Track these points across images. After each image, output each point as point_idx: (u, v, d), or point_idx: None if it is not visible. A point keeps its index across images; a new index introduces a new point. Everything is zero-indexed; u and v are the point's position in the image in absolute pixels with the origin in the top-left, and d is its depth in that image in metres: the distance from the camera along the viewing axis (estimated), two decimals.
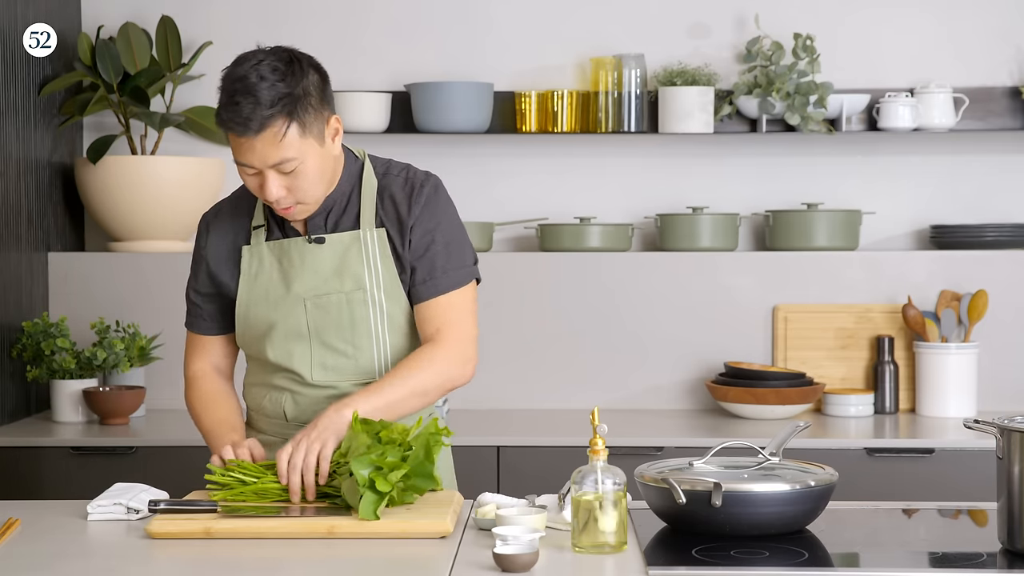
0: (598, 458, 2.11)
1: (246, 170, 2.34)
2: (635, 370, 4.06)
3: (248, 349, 2.54)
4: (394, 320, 2.46)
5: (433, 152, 4.18)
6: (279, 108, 2.27)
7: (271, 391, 2.51)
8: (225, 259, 2.51)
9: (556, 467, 3.29)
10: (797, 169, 4.19)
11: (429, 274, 2.44)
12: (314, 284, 2.44)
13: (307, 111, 2.31)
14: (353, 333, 2.44)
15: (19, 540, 2.20)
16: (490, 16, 4.20)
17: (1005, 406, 3.89)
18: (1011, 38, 4.14)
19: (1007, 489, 2.08)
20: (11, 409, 3.81)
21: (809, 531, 2.22)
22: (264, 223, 2.49)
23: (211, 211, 2.57)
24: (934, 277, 4.01)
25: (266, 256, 2.48)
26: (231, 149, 2.35)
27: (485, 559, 2.06)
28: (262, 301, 2.47)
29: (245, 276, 2.48)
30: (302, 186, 2.35)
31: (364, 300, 2.43)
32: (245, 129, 2.27)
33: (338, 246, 2.44)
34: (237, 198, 2.55)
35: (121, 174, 3.98)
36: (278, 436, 2.51)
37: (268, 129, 2.28)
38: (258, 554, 2.11)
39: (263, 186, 2.34)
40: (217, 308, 2.55)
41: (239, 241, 2.51)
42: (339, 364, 2.46)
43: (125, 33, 4.04)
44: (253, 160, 2.31)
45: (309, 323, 2.45)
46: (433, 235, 2.45)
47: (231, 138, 2.32)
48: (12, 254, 3.80)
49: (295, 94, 2.29)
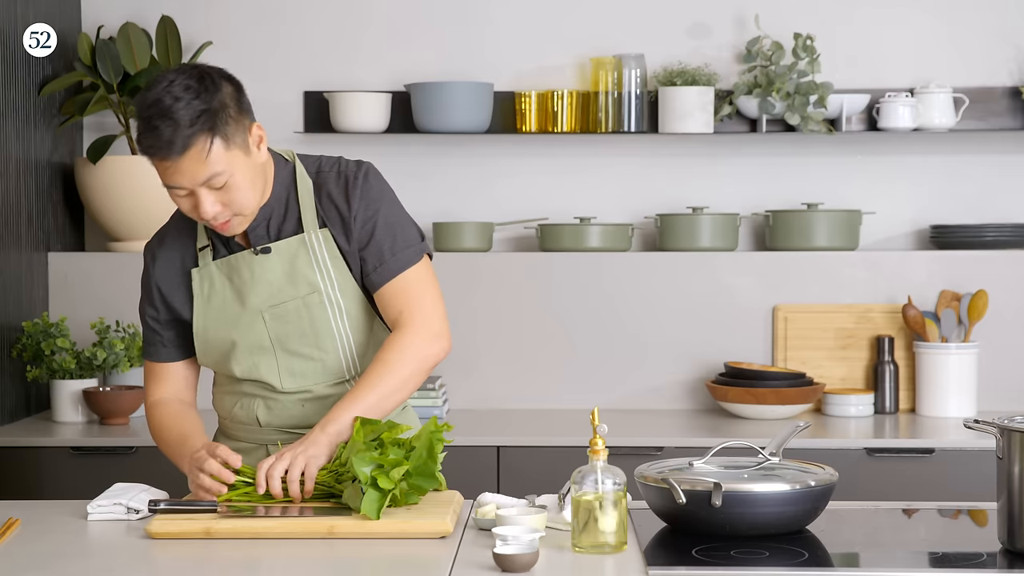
0: (598, 458, 2.11)
1: (177, 192, 2.31)
2: (635, 370, 4.06)
3: (213, 368, 2.52)
4: (353, 317, 2.44)
5: (433, 152, 4.18)
6: (199, 126, 2.25)
7: (242, 398, 2.49)
8: (176, 284, 2.49)
9: (556, 467, 3.29)
10: (797, 169, 4.19)
11: (379, 260, 2.42)
12: (269, 295, 2.42)
13: (227, 123, 2.28)
14: (316, 336, 2.43)
15: (19, 540, 2.20)
16: (490, 16, 4.20)
17: (1005, 406, 3.88)
18: (1011, 38, 4.14)
19: (1007, 489, 2.08)
20: (11, 409, 3.81)
21: (809, 531, 2.22)
22: (208, 243, 2.46)
23: (154, 239, 2.54)
24: (934, 277, 4.01)
25: (216, 275, 2.45)
26: (158, 174, 2.31)
27: (485, 559, 2.06)
28: (220, 321, 2.45)
29: (199, 298, 2.46)
30: (236, 199, 2.32)
31: (321, 302, 2.42)
32: (169, 152, 2.24)
33: (285, 253, 2.42)
34: (177, 221, 2.52)
35: (121, 174, 3.98)
36: (253, 442, 2.50)
37: (192, 148, 2.25)
38: (258, 554, 2.11)
39: (197, 206, 2.31)
40: (176, 333, 2.53)
41: (187, 264, 2.49)
42: (307, 369, 2.44)
43: (125, 33, 4.04)
44: (182, 181, 2.28)
45: (271, 334, 2.43)
46: (375, 221, 2.42)
47: (156, 164, 2.29)
48: (12, 254, 3.80)
49: (212, 108, 2.26)
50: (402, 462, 2.19)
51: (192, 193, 2.30)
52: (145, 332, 2.56)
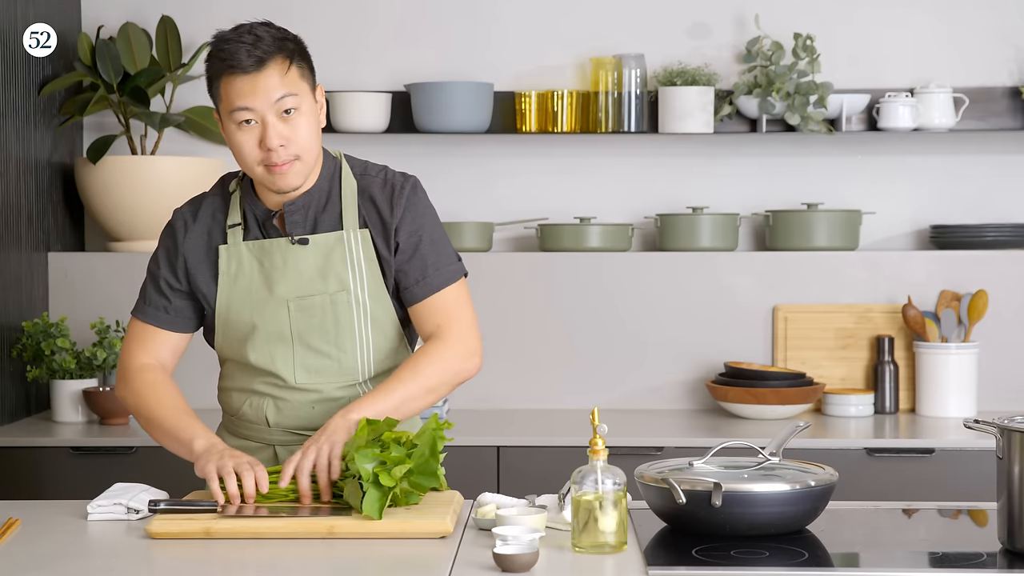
0: (598, 458, 2.11)
1: (242, 123, 2.32)
2: (635, 370, 4.06)
3: (227, 352, 2.49)
4: (377, 321, 2.45)
5: (433, 152, 4.18)
6: (280, 45, 2.33)
7: (251, 396, 2.48)
8: (202, 258, 2.47)
9: (556, 467, 3.29)
10: (797, 169, 4.19)
11: (422, 274, 2.43)
12: (298, 286, 2.42)
13: (304, 59, 2.38)
14: (337, 335, 2.43)
15: (19, 540, 2.20)
16: (490, 16, 4.20)
17: (1005, 406, 3.89)
18: (1011, 38, 4.14)
19: (1007, 489, 2.08)
20: (11, 409, 3.81)
21: (809, 531, 2.22)
22: (240, 222, 2.45)
23: (186, 207, 2.52)
24: (934, 277, 4.01)
25: (245, 256, 2.44)
26: (224, 102, 2.32)
27: (485, 559, 2.06)
28: (244, 303, 2.43)
29: (224, 276, 2.44)
30: (300, 136, 2.33)
31: (348, 302, 2.42)
32: (249, 60, 2.29)
33: (322, 247, 2.42)
34: (211, 196, 2.51)
35: (121, 174, 3.98)
36: (260, 442, 2.49)
37: (272, 62, 2.31)
38: (258, 554, 2.11)
39: (263, 137, 2.31)
40: (187, 305, 2.49)
41: (215, 240, 2.47)
42: (322, 366, 2.44)
43: (125, 33, 4.04)
44: (255, 100, 2.30)
45: (292, 325, 2.42)
46: (420, 235, 2.44)
47: (227, 84, 2.31)
48: (12, 254, 3.81)
49: (290, 44, 2.36)
50: (404, 460, 2.19)
51: (259, 123, 2.32)
52: (150, 293, 2.50)
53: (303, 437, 2.45)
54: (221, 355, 2.53)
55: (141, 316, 2.52)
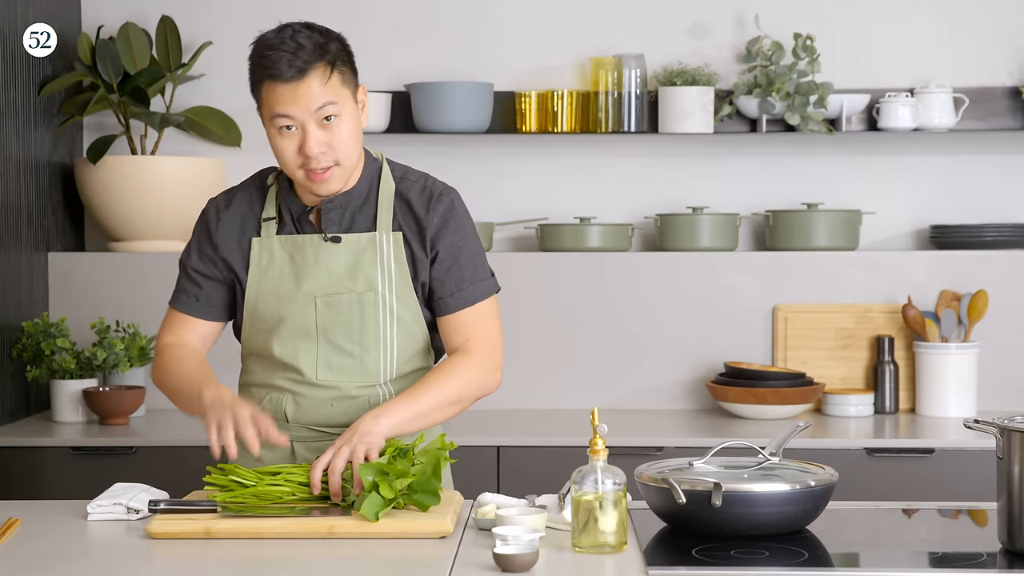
0: (598, 458, 2.11)
1: (283, 129, 2.34)
2: (635, 370, 4.06)
3: (253, 344, 2.51)
4: (404, 324, 2.46)
5: (433, 152, 4.18)
6: (322, 54, 2.34)
7: (271, 391, 2.49)
8: (234, 248, 2.49)
9: (556, 467, 3.29)
10: (797, 169, 4.19)
11: (457, 286, 2.46)
12: (327, 283, 2.44)
13: (346, 63, 2.39)
14: (362, 334, 2.44)
15: (19, 540, 2.20)
16: (490, 16, 4.20)
17: (1005, 406, 3.89)
18: (1011, 38, 4.14)
19: (1007, 489, 2.08)
20: (11, 409, 3.81)
21: (809, 531, 2.22)
22: (275, 216, 2.48)
23: (221, 196, 2.55)
24: (934, 277, 4.01)
25: (276, 250, 2.46)
26: (265, 107, 2.35)
27: (485, 559, 2.06)
28: (272, 295, 2.46)
29: (255, 268, 2.47)
30: (341, 142, 2.35)
31: (375, 302, 2.43)
32: (290, 71, 2.31)
33: (354, 246, 2.44)
34: (247, 187, 2.54)
35: (121, 174, 3.98)
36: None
37: (313, 71, 2.32)
38: (258, 554, 2.11)
39: (303, 143, 2.34)
40: (216, 292, 2.52)
41: (248, 231, 2.49)
42: (344, 364, 2.45)
43: (125, 33, 4.04)
44: (296, 110, 2.32)
45: (318, 322, 2.44)
46: (460, 248, 2.47)
47: (269, 91, 2.33)
48: (12, 254, 3.81)
49: (332, 46, 2.37)
50: (407, 473, 2.19)
51: (300, 129, 2.33)
52: (183, 281, 2.54)
53: (321, 434, 2.46)
54: (245, 348, 2.55)
55: (174, 304, 2.56)
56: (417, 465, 2.24)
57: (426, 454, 2.26)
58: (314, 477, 2.27)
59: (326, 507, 2.27)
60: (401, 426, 2.33)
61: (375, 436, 2.28)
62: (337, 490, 2.25)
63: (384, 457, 2.24)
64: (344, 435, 2.30)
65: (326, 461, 2.27)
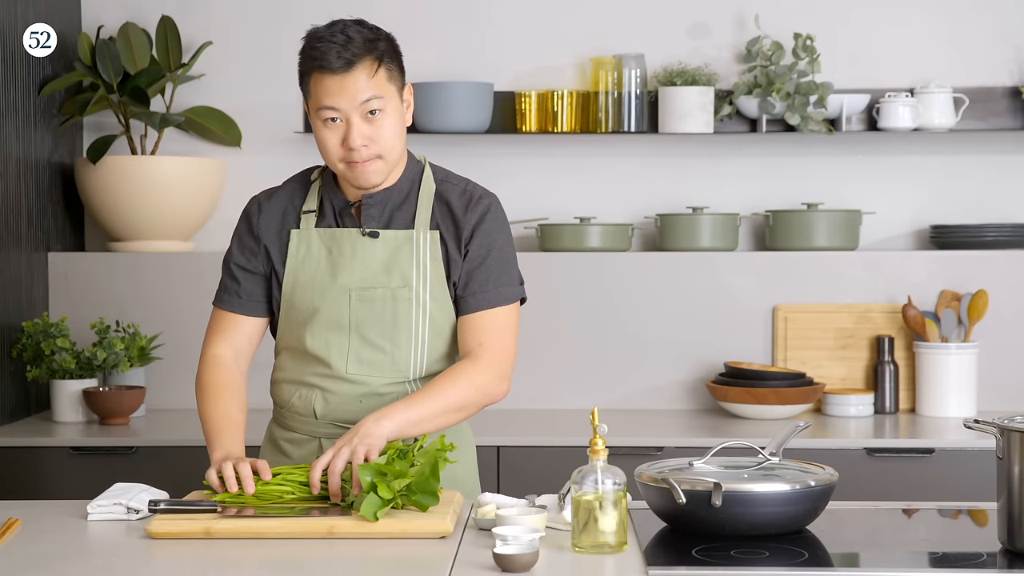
0: (598, 458, 2.11)
1: (328, 121, 2.37)
2: (635, 370, 4.06)
3: (286, 336, 2.52)
4: (436, 322, 2.47)
5: (433, 152, 4.15)
6: (371, 48, 2.37)
7: (301, 388, 2.50)
8: (274, 239, 2.52)
9: (556, 467, 3.29)
10: (797, 169, 4.19)
11: (481, 287, 2.47)
12: (363, 277, 2.46)
13: (393, 60, 2.42)
14: (394, 330, 2.45)
15: (19, 540, 2.20)
16: (490, 16, 4.20)
17: (1005, 406, 3.89)
18: (1011, 38, 4.14)
19: (1007, 489, 2.08)
20: (11, 409, 3.81)
21: (809, 531, 2.22)
22: (315, 209, 2.50)
23: (263, 193, 2.58)
24: (934, 277, 4.01)
25: (314, 242, 2.49)
26: (312, 98, 2.38)
27: (485, 559, 2.06)
28: (308, 287, 2.48)
29: (292, 260, 2.49)
30: (384, 136, 2.38)
31: (409, 298, 2.45)
32: (338, 62, 2.34)
33: (391, 242, 2.46)
34: (291, 183, 2.57)
35: (121, 174, 3.98)
36: (307, 434, 2.51)
37: (361, 63, 2.35)
38: (258, 554, 2.11)
39: (346, 135, 2.37)
40: (257, 287, 2.54)
41: (288, 224, 2.52)
42: (375, 359, 2.46)
43: (125, 33, 4.04)
44: (341, 101, 2.35)
45: (351, 315, 2.45)
46: (490, 249, 2.48)
47: (316, 82, 2.37)
48: (12, 254, 3.81)
49: (382, 43, 2.39)
50: (405, 474, 2.19)
51: (344, 121, 2.37)
52: (224, 280, 2.56)
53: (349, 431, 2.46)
54: (279, 343, 2.56)
55: (217, 303, 2.58)
56: (416, 466, 2.24)
57: (425, 455, 2.26)
58: (313, 477, 2.28)
59: (326, 507, 2.27)
60: (404, 429, 2.33)
61: (376, 438, 2.29)
62: (336, 490, 2.26)
63: (383, 458, 2.24)
64: (345, 436, 2.31)
65: (326, 461, 2.27)
